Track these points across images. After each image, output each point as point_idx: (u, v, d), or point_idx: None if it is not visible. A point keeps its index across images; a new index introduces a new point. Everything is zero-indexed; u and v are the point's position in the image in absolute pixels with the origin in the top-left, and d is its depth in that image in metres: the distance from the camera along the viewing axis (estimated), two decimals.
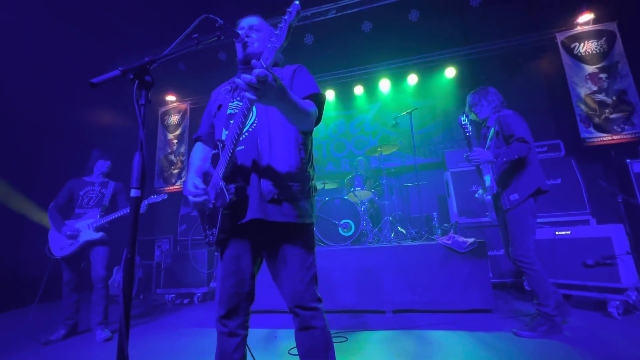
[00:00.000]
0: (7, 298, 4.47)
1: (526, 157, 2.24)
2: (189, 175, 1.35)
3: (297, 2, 0.91)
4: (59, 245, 2.95)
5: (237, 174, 1.19)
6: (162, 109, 7.03)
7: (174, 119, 6.92)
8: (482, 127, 2.63)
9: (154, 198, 3.08)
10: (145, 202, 2.94)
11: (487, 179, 2.40)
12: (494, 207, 2.49)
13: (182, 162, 6.65)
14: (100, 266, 2.97)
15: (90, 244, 2.99)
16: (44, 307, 4.46)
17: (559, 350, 1.98)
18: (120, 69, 0.85)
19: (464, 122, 2.29)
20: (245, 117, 1.05)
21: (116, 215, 3.00)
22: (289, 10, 0.91)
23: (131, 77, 0.89)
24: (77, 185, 3.14)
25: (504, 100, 2.52)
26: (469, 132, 2.28)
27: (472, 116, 2.60)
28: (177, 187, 6.55)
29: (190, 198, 1.23)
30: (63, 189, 3.13)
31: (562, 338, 2.16)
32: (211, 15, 1.18)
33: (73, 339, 2.90)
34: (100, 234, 2.98)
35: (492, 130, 2.48)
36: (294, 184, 1.21)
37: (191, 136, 6.62)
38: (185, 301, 4.32)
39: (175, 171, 6.66)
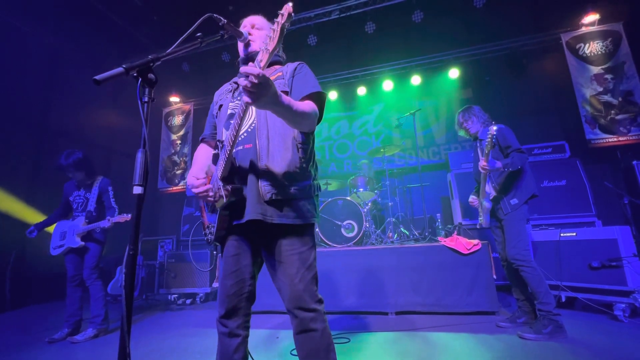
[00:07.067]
0: (14, 296, 4.50)
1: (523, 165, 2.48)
2: (191, 171, 1.34)
3: (289, 4, 0.90)
4: (54, 245, 3.07)
5: (235, 174, 1.19)
6: (166, 110, 7.07)
7: (177, 119, 6.96)
8: (473, 140, 2.81)
9: (122, 216, 2.93)
10: (111, 220, 2.91)
11: (486, 187, 2.56)
12: (491, 211, 2.62)
13: (185, 162, 6.68)
14: (86, 267, 3.01)
15: (85, 245, 3.02)
16: (58, 306, 4.50)
17: (564, 353, 1.95)
18: (123, 66, 0.85)
19: (493, 134, 2.33)
20: (242, 118, 1.05)
21: (94, 226, 2.96)
22: (281, 12, 0.91)
23: (134, 74, 0.89)
24: (68, 189, 3.18)
25: (489, 116, 2.73)
26: (494, 142, 2.39)
27: (462, 132, 2.81)
28: (180, 187, 6.58)
29: (193, 189, 1.21)
30: (63, 192, 3.20)
31: (567, 340, 2.13)
32: (215, 15, 1.18)
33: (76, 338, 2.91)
34: (80, 242, 2.97)
35: (486, 142, 2.63)
36: (294, 184, 1.19)
37: (195, 137, 6.67)
38: (188, 301, 4.33)
39: (179, 172, 6.69)
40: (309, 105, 1.15)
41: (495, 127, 2.35)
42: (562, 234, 2.96)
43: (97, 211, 3.09)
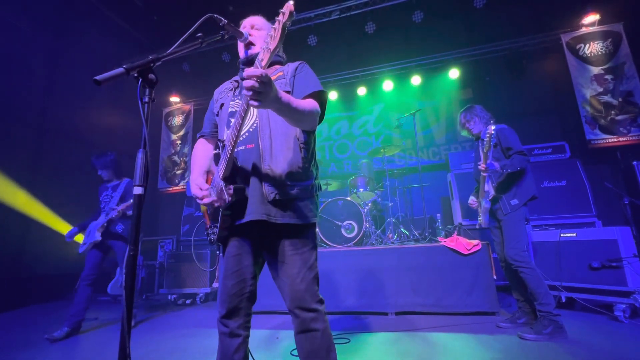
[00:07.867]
0: (14, 296, 4.50)
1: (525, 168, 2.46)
2: (193, 176, 1.34)
3: (290, 2, 0.90)
4: (82, 243, 3.21)
5: (237, 174, 1.18)
6: (166, 110, 7.07)
7: (177, 119, 6.96)
8: (475, 140, 2.79)
9: (125, 203, 3.19)
10: (116, 209, 3.14)
11: (486, 186, 2.55)
12: (490, 211, 2.61)
13: (185, 162, 6.68)
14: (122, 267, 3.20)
15: (107, 243, 3.19)
16: (58, 306, 4.50)
17: (564, 354, 1.95)
18: (124, 66, 0.85)
19: (492, 133, 2.32)
20: (243, 118, 1.05)
21: (107, 219, 3.13)
22: (282, 11, 0.90)
23: (135, 75, 0.89)
24: (100, 189, 3.41)
25: (492, 116, 2.70)
26: (493, 142, 2.38)
27: (464, 132, 2.79)
28: (180, 187, 6.57)
29: (198, 201, 1.22)
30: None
31: (567, 341, 2.13)
32: (215, 15, 1.19)
33: (76, 338, 2.91)
34: (98, 237, 3.11)
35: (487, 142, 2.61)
36: (296, 184, 1.19)
37: (195, 137, 6.67)
38: (188, 301, 4.33)
39: (179, 172, 6.69)
40: (309, 103, 1.16)
41: (493, 127, 2.33)
42: (562, 235, 2.96)
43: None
